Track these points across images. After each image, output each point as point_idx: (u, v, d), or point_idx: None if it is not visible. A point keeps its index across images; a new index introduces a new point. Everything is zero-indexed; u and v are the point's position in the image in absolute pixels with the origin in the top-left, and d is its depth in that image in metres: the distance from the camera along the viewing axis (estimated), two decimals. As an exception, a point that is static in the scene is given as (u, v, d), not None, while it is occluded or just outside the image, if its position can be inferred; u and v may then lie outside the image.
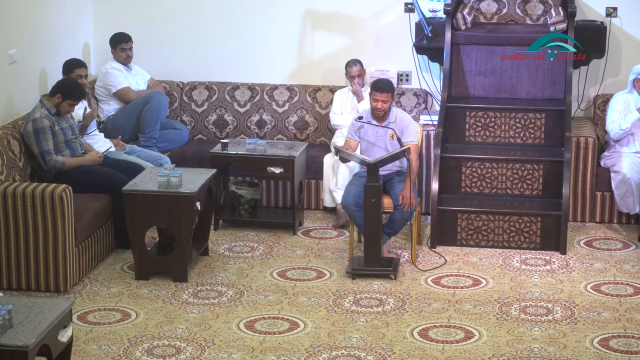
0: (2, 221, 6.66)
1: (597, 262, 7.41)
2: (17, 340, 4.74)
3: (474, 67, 8.38)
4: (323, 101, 8.87)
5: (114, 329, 6.21)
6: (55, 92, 7.24)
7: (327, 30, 9.02)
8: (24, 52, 7.81)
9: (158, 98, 8.53)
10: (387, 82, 7.28)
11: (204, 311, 6.49)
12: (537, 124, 8.08)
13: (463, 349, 5.98)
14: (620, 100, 8.13)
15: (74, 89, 7.27)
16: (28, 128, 7.16)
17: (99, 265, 7.24)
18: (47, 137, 7.15)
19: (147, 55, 9.11)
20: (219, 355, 5.87)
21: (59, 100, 7.21)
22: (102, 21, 9.13)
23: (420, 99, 8.82)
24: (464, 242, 7.70)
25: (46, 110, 7.20)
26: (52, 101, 7.22)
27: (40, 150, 7.15)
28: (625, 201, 7.98)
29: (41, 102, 7.24)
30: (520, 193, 7.89)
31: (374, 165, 6.96)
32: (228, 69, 9.13)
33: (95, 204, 7.13)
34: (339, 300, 6.68)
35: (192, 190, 6.89)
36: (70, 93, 7.23)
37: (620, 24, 8.69)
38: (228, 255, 7.51)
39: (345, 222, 8.03)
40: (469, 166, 7.92)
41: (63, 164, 7.21)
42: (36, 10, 8.02)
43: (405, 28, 8.73)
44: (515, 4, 8.75)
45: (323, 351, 5.93)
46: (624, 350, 5.98)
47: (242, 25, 9.07)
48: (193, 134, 9.00)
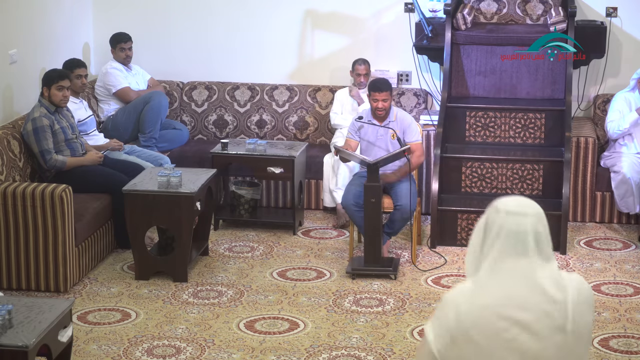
0: (2, 221, 6.66)
1: (597, 262, 7.41)
2: (17, 340, 4.74)
3: (474, 67, 8.38)
4: (323, 101, 8.87)
5: (114, 329, 6.21)
6: (42, 88, 7.24)
7: (327, 30, 9.03)
8: (24, 52, 7.81)
9: (158, 98, 8.52)
10: (384, 81, 7.30)
11: (204, 311, 6.49)
12: (537, 124, 8.08)
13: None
14: (622, 99, 8.12)
15: (52, 73, 7.28)
16: (28, 127, 7.16)
17: (99, 265, 7.24)
18: (47, 136, 7.15)
19: (147, 55, 9.11)
20: (219, 355, 5.88)
21: (47, 93, 7.21)
22: (102, 21, 9.13)
23: (420, 99, 8.82)
24: (464, 242, 7.70)
25: (45, 109, 7.19)
26: (46, 98, 7.22)
27: (40, 150, 7.15)
28: (625, 201, 7.98)
29: (40, 101, 7.24)
30: (520, 193, 7.88)
31: (374, 165, 6.96)
32: (228, 69, 9.13)
33: (95, 204, 7.13)
34: (339, 300, 6.68)
35: (192, 190, 6.89)
36: (51, 78, 7.22)
37: (620, 24, 8.69)
38: (228, 255, 7.51)
39: (345, 222, 8.03)
40: (469, 166, 7.92)
41: (63, 163, 7.21)
42: (36, 10, 8.02)
43: (405, 28, 8.73)
44: (515, 4, 8.75)
45: (323, 351, 5.93)
46: (624, 350, 5.99)
47: (242, 25, 9.07)
48: (193, 134, 9.00)
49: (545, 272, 3.00)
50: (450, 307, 3.01)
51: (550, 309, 2.98)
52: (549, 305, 2.98)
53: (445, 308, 3.02)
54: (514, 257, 3.00)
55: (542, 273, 3.00)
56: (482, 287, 3.01)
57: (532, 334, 2.96)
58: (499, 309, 2.97)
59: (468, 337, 2.98)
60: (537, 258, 3.00)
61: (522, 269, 2.99)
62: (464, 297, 3.01)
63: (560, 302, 2.99)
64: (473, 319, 2.97)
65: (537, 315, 2.96)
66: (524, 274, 2.99)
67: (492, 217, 3.04)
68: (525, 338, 2.96)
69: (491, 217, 3.05)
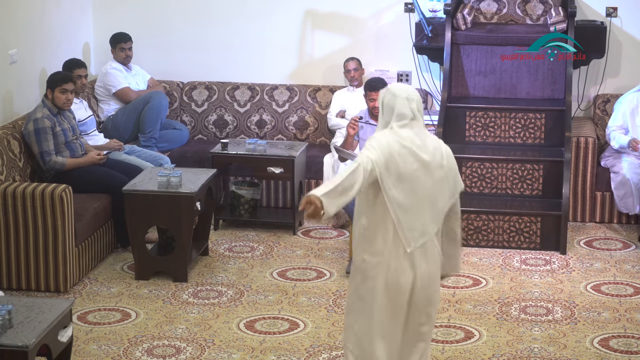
0: (2, 221, 6.66)
1: (597, 262, 7.41)
2: (17, 340, 4.74)
3: (474, 67, 8.38)
4: (323, 101, 8.87)
5: (114, 329, 6.21)
6: (46, 90, 7.25)
7: (327, 30, 9.03)
8: (24, 52, 7.81)
9: (158, 98, 8.53)
10: (379, 80, 7.36)
11: (204, 311, 6.49)
12: (537, 124, 8.08)
13: (463, 349, 5.98)
14: (627, 102, 8.09)
15: (55, 76, 7.31)
16: (29, 127, 7.17)
17: (99, 265, 7.24)
18: (48, 138, 7.15)
19: (147, 55, 9.11)
20: (219, 355, 5.88)
21: (50, 95, 7.22)
22: (102, 21, 9.13)
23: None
24: (464, 242, 7.69)
25: (48, 110, 7.20)
26: (49, 100, 7.23)
27: (40, 151, 7.15)
28: (625, 202, 7.98)
29: (43, 102, 7.25)
30: (520, 193, 7.89)
31: (374, 165, 6.96)
32: (228, 69, 9.13)
33: (95, 204, 7.13)
34: (339, 300, 6.68)
35: (192, 190, 6.89)
36: (55, 81, 7.23)
37: (620, 24, 8.69)
38: (228, 255, 7.51)
39: (345, 222, 8.03)
40: (469, 166, 7.92)
41: (62, 165, 7.21)
42: (36, 10, 8.02)
43: (405, 28, 8.73)
44: (515, 4, 8.75)
45: (323, 351, 5.93)
46: (624, 350, 5.99)
47: (242, 25, 9.07)
48: (193, 134, 9.00)
49: (425, 130, 4.67)
50: (382, 139, 4.57)
51: (434, 151, 4.63)
52: (433, 149, 4.63)
53: (378, 140, 4.56)
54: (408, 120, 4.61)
55: (425, 131, 4.67)
56: (396, 133, 4.59)
57: (426, 167, 4.60)
58: (408, 146, 4.56)
59: (393, 158, 4.55)
60: (421, 122, 4.65)
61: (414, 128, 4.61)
62: (389, 135, 4.60)
63: (437, 147, 4.66)
64: (397, 148, 4.55)
65: (429, 154, 4.61)
66: (416, 130, 4.62)
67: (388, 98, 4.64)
68: (423, 170, 4.59)
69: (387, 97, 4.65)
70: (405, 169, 4.54)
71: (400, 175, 4.54)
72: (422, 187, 4.58)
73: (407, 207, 4.55)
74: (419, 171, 4.57)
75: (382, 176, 4.51)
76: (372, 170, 4.48)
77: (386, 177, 4.52)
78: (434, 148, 4.62)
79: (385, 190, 4.53)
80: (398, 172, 4.53)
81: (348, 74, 8.55)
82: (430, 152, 4.60)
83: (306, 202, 4.40)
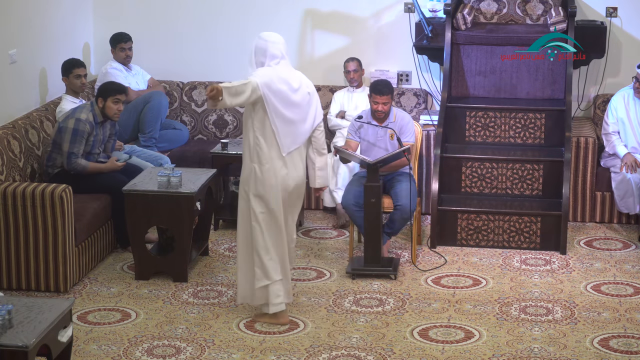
0: (2, 221, 6.66)
1: (597, 262, 7.41)
2: (17, 340, 4.74)
3: (474, 67, 8.38)
4: (323, 101, 8.86)
5: (114, 329, 6.21)
6: (97, 98, 7.28)
7: (327, 30, 9.03)
8: (24, 52, 7.81)
9: (158, 98, 8.53)
10: (386, 84, 7.27)
11: (204, 311, 6.49)
12: (537, 124, 8.08)
13: (463, 349, 5.98)
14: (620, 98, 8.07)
15: (109, 85, 7.39)
16: (69, 124, 7.19)
17: (99, 265, 7.25)
18: (82, 141, 7.19)
19: (147, 55, 9.11)
20: (219, 355, 5.88)
21: (101, 104, 7.25)
22: (102, 21, 9.13)
23: (420, 99, 8.82)
24: (464, 242, 7.70)
25: (93, 116, 7.24)
26: (99, 107, 7.27)
27: (70, 150, 7.17)
28: (625, 201, 7.98)
29: (92, 105, 7.29)
30: (520, 193, 7.89)
31: (374, 165, 6.96)
32: (228, 69, 9.13)
33: (95, 204, 7.13)
34: (339, 300, 6.68)
35: (192, 190, 6.90)
36: (108, 90, 7.29)
37: (620, 24, 8.69)
38: (228, 255, 7.51)
39: (345, 222, 8.03)
40: (469, 166, 7.92)
41: (84, 168, 7.23)
42: (36, 10, 8.02)
43: (405, 28, 8.73)
44: (515, 4, 8.75)
45: (323, 351, 5.93)
46: (624, 350, 5.99)
47: (242, 25, 9.07)
48: (193, 134, 9.00)
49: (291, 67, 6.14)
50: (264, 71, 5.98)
51: (301, 82, 6.09)
52: (299, 80, 6.09)
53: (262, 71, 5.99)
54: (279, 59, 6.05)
55: (291, 67, 6.13)
56: (273, 69, 6.00)
57: (295, 92, 6.04)
58: (284, 77, 6.00)
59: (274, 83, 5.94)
60: (288, 61, 6.09)
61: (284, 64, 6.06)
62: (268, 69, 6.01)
63: (303, 80, 6.12)
64: (275, 77, 5.97)
65: (297, 83, 6.07)
66: (286, 67, 6.06)
67: (261, 43, 6.05)
68: (294, 94, 6.04)
69: (260, 42, 6.05)
70: (282, 91, 5.96)
71: (279, 95, 5.95)
72: (295, 106, 6.03)
73: (284, 120, 5.98)
74: (292, 95, 6.01)
75: (266, 95, 5.90)
76: (257, 89, 5.87)
77: (269, 96, 5.91)
78: (300, 79, 6.10)
79: (267, 105, 5.91)
80: (277, 94, 5.94)
81: (348, 74, 8.55)
82: (298, 82, 6.07)
83: (212, 88, 5.72)
